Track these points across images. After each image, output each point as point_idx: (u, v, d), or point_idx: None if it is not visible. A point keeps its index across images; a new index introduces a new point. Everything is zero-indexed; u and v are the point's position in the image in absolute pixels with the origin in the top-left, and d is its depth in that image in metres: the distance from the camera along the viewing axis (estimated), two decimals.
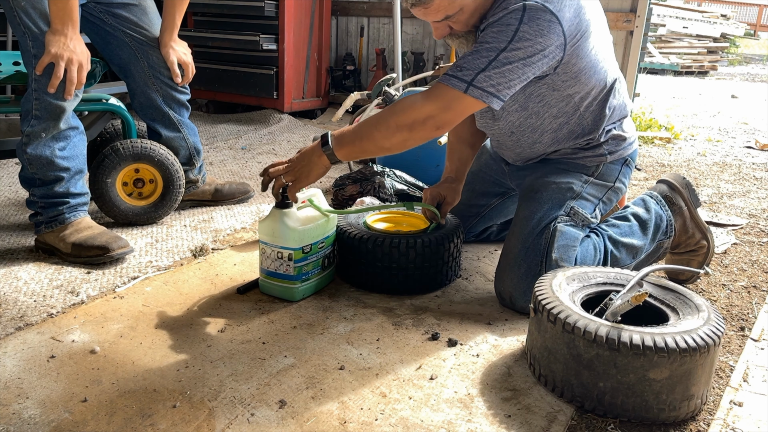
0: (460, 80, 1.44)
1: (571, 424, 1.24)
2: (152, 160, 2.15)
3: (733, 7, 18.01)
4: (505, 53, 1.43)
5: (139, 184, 2.19)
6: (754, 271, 2.06)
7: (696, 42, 10.88)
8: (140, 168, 2.17)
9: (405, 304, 1.70)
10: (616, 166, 1.77)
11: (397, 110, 1.48)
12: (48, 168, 1.86)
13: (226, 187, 2.48)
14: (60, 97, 1.79)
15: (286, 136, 3.96)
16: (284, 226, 1.63)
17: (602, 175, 1.76)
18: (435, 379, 1.35)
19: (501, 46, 1.43)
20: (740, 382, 1.39)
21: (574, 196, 1.71)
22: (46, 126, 1.83)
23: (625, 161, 1.78)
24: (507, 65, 1.43)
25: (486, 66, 1.43)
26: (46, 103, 1.80)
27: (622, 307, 1.30)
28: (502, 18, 1.44)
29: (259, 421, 1.20)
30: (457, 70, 1.45)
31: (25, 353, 1.40)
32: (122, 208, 2.15)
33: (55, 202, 1.90)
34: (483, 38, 1.46)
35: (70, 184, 1.91)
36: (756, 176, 3.41)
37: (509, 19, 1.43)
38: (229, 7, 4.26)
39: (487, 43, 1.44)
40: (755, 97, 7.40)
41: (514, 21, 1.42)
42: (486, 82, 1.44)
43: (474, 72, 1.44)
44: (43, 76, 1.77)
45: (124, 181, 2.16)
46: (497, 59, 1.43)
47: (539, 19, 1.42)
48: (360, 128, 1.53)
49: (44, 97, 1.79)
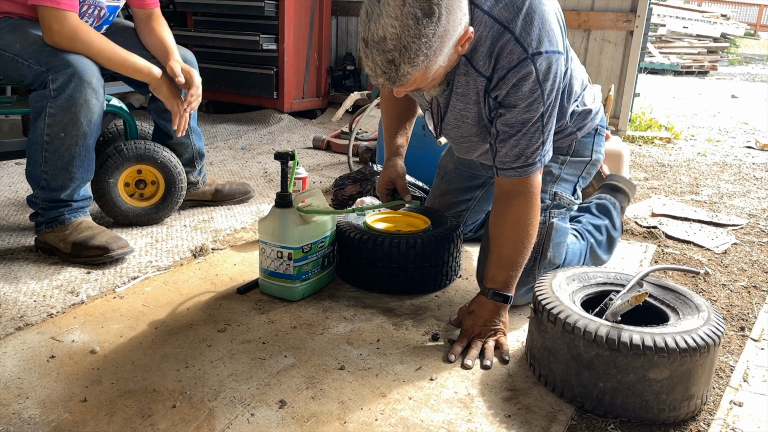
0: (534, 165, 1.47)
1: (571, 424, 1.24)
2: (155, 162, 2.15)
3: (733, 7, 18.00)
4: (546, 115, 1.45)
5: (141, 185, 2.19)
6: (754, 271, 2.06)
7: (696, 42, 10.88)
8: (143, 169, 2.17)
9: (405, 304, 1.70)
10: (588, 139, 1.77)
11: (526, 224, 1.49)
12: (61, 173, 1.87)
13: (226, 187, 2.48)
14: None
15: (286, 136, 3.96)
16: (284, 225, 1.63)
17: (576, 152, 1.75)
18: (435, 380, 1.35)
19: (539, 115, 1.43)
20: (740, 382, 1.39)
21: (554, 179, 1.72)
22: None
23: (596, 131, 1.78)
24: (550, 120, 1.47)
25: (543, 140, 1.46)
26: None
27: (622, 307, 1.30)
28: (521, 86, 1.40)
29: (259, 421, 1.20)
30: (525, 159, 1.46)
31: (25, 353, 1.40)
32: (123, 208, 2.14)
33: (57, 205, 1.90)
34: (520, 117, 1.44)
35: (74, 191, 1.92)
36: (756, 176, 3.41)
37: (530, 85, 1.40)
38: (229, 7, 4.26)
39: (529, 122, 1.44)
40: (755, 97, 7.40)
41: (536, 86, 1.40)
42: (548, 144, 1.49)
43: (540, 149, 1.47)
44: None
45: (126, 182, 2.16)
46: (545, 126, 1.45)
47: (551, 66, 1.40)
48: (514, 261, 1.50)
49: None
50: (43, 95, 1.80)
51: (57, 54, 1.81)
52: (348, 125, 3.46)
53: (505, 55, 1.39)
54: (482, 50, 1.40)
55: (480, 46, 1.40)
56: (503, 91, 1.42)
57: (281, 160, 1.67)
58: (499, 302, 1.50)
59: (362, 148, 3.23)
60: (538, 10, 1.38)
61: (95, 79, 1.84)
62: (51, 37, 1.82)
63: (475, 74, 1.45)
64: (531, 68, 1.38)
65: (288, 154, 1.66)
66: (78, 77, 1.79)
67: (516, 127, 1.45)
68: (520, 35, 1.37)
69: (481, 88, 1.47)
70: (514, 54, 1.37)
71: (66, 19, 1.81)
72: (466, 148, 1.69)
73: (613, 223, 1.98)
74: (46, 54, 1.82)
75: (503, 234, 1.50)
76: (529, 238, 1.50)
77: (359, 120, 3.23)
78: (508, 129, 1.46)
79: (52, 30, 1.81)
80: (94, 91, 1.83)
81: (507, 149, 1.47)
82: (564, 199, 1.72)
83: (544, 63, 1.38)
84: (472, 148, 1.68)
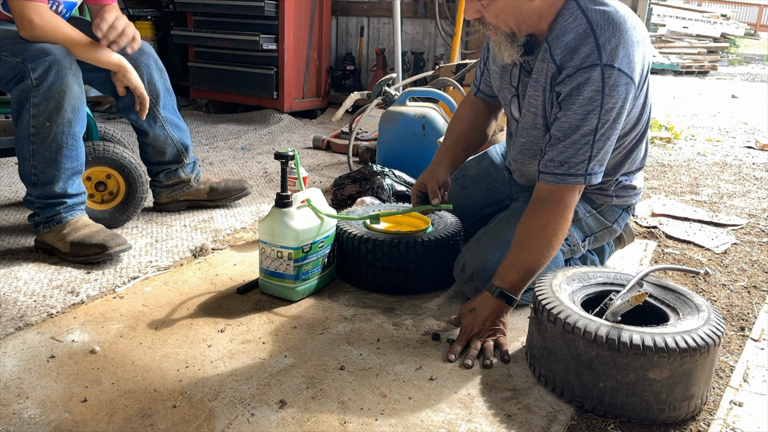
0: (575, 176, 1.47)
1: (571, 424, 1.24)
2: (116, 164, 2.12)
3: (733, 7, 18.00)
4: (600, 131, 1.44)
5: (101, 187, 2.15)
6: (754, 271, 2.06)
7: (696, 42, 10.88)
8: (109, 173, 2.13)
9: (405, 304, 1.70)
10: (618, 210, 1.81)
11: (551, 234, 1.48)
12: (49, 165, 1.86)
13: (222, 185, 2.43)
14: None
15: (286, 136, 3.96)
16: (284, 225, 1.63)
17: (604, 213, 1.79)
18: (435, 380, 1.35)
19: (593, 127, 1.43)
20: (740, 382, 1.39)
21: (575, 221, 1.73)
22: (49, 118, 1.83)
23: (627, 207, 1.82)
24: (603, 140, 1.45)
25: (590, 155, 1.46)
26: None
27: (622, 307, 1.30)
28: (583, 90, 1.42)
29: (259, 421, 1.20)
30: (567, 168, 1.47)
31: (25, 353, 1.40)
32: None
33: (52, 203, 1.89)
34: (570, 121, 1.45)
35: (67, 184, 1.90)
36: (756, 176, 3.41)
37: (591, 92, 1.41)
38: (229, 7, 4.26)
39: (579, 129, 1.44)
40: (755, 97, 7.40)
41: (597, 95, 1.41)
42: (596, 165, 1.48)
43: (585, 163, 1.46)
44: None
45: (88, 176, 2.11)
46: (596, 142, 1.45)
47: (618, 85, 1.40)
48: (528, 267, 1.50)
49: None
50: (25, 87, 1.79)
51: (31, 44, 1.81)
52: (348, 125, 3.47)
53: (580, 54, 1.41)
54: (564, 40, 1.45)
55: (563, 36, 1.45)
56: (566, 88, 1.44)
57: (281, 160, 1.67)
58: (502, 303, 1.49)
59: (362, 148, 3.23)
60: (628, 34, 1.41)
61: (74, 65, 1.84)
62: (31, 30, 1.81)
63: (550, 61, 1.49)
64: (599, 76, 1.39)
65: (288, 154, 1.66)
66: (58, 64, 1.79)
67: (567, 132, 1.45)
68: (602, 43, 1.40)
69: (550, 76, 1.50)
70: (590, 57, 1.40)
71: (45, 10, 1.82)
72: (531, 146, 1.66)
73: (602, 261, 1.95)
74: (21, 45, 1.81)
75: (527, 237, 1.50)
76: (551, 249, 1.49)
77: (359, 120, 3.23)
78: (559, 134, 1.47)
79: (33, 23, 1.80)
80: (75, 76, 1.84)
81: (553, 154, 1.48)
82: (573, 239, 1.74)
83: (613, 77, 1.39)
84: (536, 147, 1.65)
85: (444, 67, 3.44)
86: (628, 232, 2.01)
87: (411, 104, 2.73)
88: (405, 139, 2.64)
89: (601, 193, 1.76)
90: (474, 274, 1.64)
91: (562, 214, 1.49)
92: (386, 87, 2.86)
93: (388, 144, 2.70)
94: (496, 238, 1.66)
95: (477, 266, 1.63)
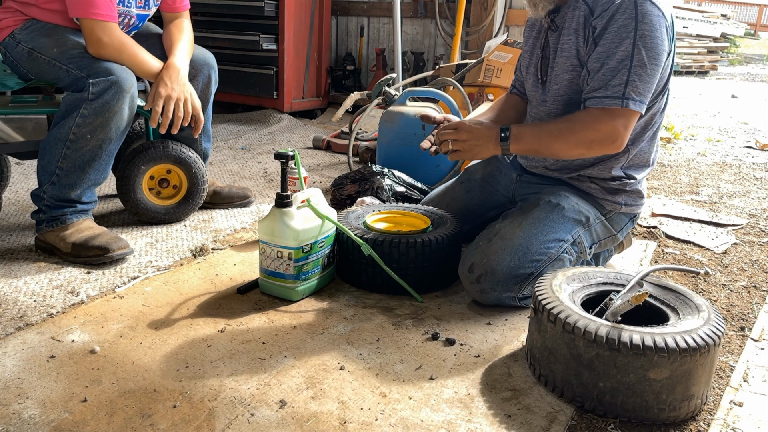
0: (613, 98, 1.53)
1: (571, 424, 1.24)
2: (186, 165, 2.19)
3: (733, 7, 18.00)
4: (636, 57, 1.51)
5: (164, 184, 2.22)
6: (754, 271, 2.06)
7: (696, 42, 10.88)
8: (172, 169, 2.20)
9: (405, 304, 1.70)
10: (625, 218, 1.83)
11: (577, 128, 1.57)
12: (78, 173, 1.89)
13: (225, 190, 2.46)
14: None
15: (286, 136, 3.96)
16: (284, 225, 1.63)
17: (612, 220, 1.81)
18: (435, 379, 1.35)
19: (628, 52, 1.51)
20: (740, 382, 1.39)
21: (587, 226, 1.74)
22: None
23: (633, 217, 1.85)
24: (639, 66, 1.51)
25: (628, 79, 1.52)
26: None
27: (623, 307, 1.30)
28: (616, 18, 1.52)
29: (259, 421, 1.20)
30: (605, 89, 1.54)
31: (25, 353, 1.40)
32: (140, 199, 2.16)
33: (63, 205, 1.90)
34: (606, 48, 1.54)
35: (84, 192, 1.92)
36: (756, 176, 3.41)
37: (624, 20, 1.51)
38: (229, 7, 4.26)
39: (614, 54, 1.52)
40: (755, 97, 7.40)
41: (630, 22, 1.51)
42: (633, 92, 1.53)
43: (623, 87, 1.52)
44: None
45: (151, 175, 2.19)
46: (633, 67, 1.51)
47: (651, 14, 1.50)
48: (539, 134, 1.61)
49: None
50: (80, 97, 1.83)
51: (98, 61, 1.86)
52: (348, 125, 3.47)
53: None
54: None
55: None
56: (601, 22, 1.55)
57: (281, 160, 1.67)
58: (497, 131, 1.60)
59: (362, 148, 3.23)
60: None
61: (134, 89, 1.89)
62: (98, 48, 1.87)
63: (582, 4, 1.61)
64: (631, 4, 1.51)
65: (288, 154, 1.66)
66: (118, 86, 1.83)
67: (604, 60, 1.54)
68: None
69: (583, 17, 1.60)
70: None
71: (113, 30, 1.88)
72: (565, 91, 1.71)
73: (597, 264, 1.96)
74: (87, 60, 1.86)
75: (556, 121, 1.60)
76: (569, 142, 1.56)
77: (359, 120, 3.23)
78: (597, 64, 1.55)
79: (101, 42, 1.86)
80: (131, 101, 1.89)
81: (593, 83, 1.56)
82: (581, 246, 1.74)
83: (646, 6, 1.50)
84: (572, 90, 1.70)
85: (444, 67, 3.44)
86: (627, 237, 2.03)
87: (411, 104, 2.73)
88: (405, 139, 2.64)
89: (612, 200, 1.77)
90: (482, 276, 1.63)
91: (593, 123, 1.56)
92: (386, 87, 2.86)
93: (388, 144, 2.70)
94: (507, 241, 1.66)
95: (486, 269, 1.63)
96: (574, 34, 1.63)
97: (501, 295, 1.64)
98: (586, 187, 1.78)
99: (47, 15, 1.94)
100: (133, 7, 2.03)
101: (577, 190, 1.78)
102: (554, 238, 1.67)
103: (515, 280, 1.62)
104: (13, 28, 1.95)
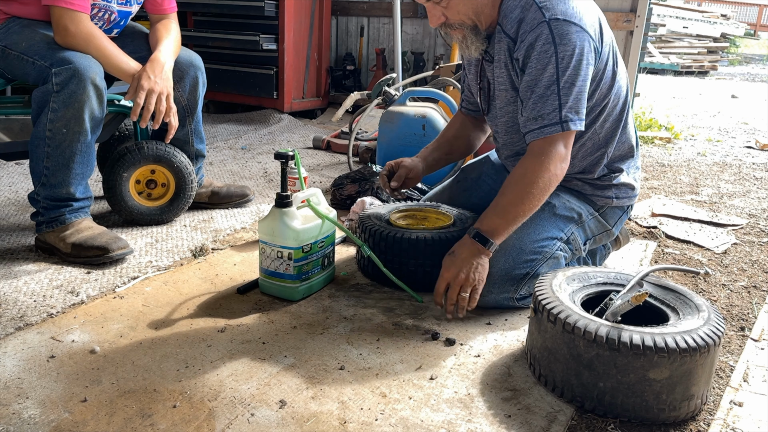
0: (551, 126, 1.53)
1: (571, 424, 1.24)
2: (170, 165, 2.17)
3: (733, 7, 18.00)
4: (563, 80, 1.51)
5: (152, 185, 2.21)
6: (754, 271, 2.06)
7: (696, 42, 10.88)
8: (156, 170, 2.19)
9: (405, 304, 1.70)
10: (618, 212, 1.84)
11: (530, 177, 1.53)
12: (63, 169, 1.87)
13: (223, 189, 2.45)
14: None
15: (286, 136, 3.96)
16: (284, 225, 1.63)
17: (605, 215, 1.81)
18: (435, 379, 1.35)
19: (553, 77, 1.51)
20: (740, 382, 1.39)
21: (579, 222, 1.75)
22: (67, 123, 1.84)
23: (626, 209, 1.85)
24: (568, 87, 1.52)
25: (560, 103, 1.52)
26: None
27: (623, 307, 1.30)
28: (535, 46, 1.52)
29: (259, 421, 1.20)
30: (541, 120, 1.53)
31: (25, 353, 1.40)
32: (130, 204, 2.16)
33: (58, 204, 1.90)
34: (532, 77, 1.54)
35: (75, 188, 1.91)
36: (756, 176, 3.41)
37: (542, 46, 1.51)
38: (229, 7, 4.26)
39: (540, 81, 1.53)
40: (755, 97, 7.40)
41: (549, 47, 1.51)
42: (569, 112, 1.53)
43: (557, 112, 1.52)
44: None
45: (137, 179, 2.17)
46: (561, 90, 1.52)
47: (568, 33, 1.50)
48: (505, 212, 1.55)
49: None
50: (46, 90, 1.81)
51: (61, 51, 1.83)
52: (348, 125, 3.46)
53: (527, 20, 1.54)
54: (511, 16, 1.57)
55: (510, 13, 1.58)
56: (522, 52, 1.55)
57: (281, 160, 1.67)
58: (479, 245, 1.54)
59: (362, 148, 3.23)
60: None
61: (98, 77, 1.85)
62: (64, 37, 1.85)
63: (504, 37, 1.61)
64: (546, 30, 1.51)
65: (288, 154, 1.66)
66: (80, 74, 1.80)
67: (531, 88, 1.55)
68: (543, 5, 1.52)
69: (507, 49, 1.61)
70: (535, 19, 1.52)
71: (81, 20, 1.85)
72: (512, 123, 1.71)
73: (594, 263, 1.96)
74: (51, 51, 1.83)
75: (507, 184, 1.57)
76: (530, 197, 1.53)
77: (359, 120, 3.23)
78: (527, 93, 1.56)
79: (67, 31, 1.84)
80: (96, 88, 1.85)
81: (526, 113, 1.56)
82: (575, 243, 1.75)
83: (560, 27, 1.50)
84: (517, 135, 1.71)
85: (444, 67, 3.43)
86: (624, 234, 2.03)
87: (411, 104, 2.73)
88: (405, 139, 2.64)
89: (602, 194, 1.77)
90: None
91: (542, 163, 1.54)
92: (386, 87, 2.86)
93: (388, 144, 2.70)
94: (501, 244, 1.66)
95: None
96: (504, 66, 1.63)
97: (498, 297, 1.64)
98: (574, 185, 1.78)
99: (27, 10, 1.93)
100: (113, 3, 2.01)
101: (568, 188, 1.78)
102: (547, 237, 1.67)
103: (511, 282, 1.63)
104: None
